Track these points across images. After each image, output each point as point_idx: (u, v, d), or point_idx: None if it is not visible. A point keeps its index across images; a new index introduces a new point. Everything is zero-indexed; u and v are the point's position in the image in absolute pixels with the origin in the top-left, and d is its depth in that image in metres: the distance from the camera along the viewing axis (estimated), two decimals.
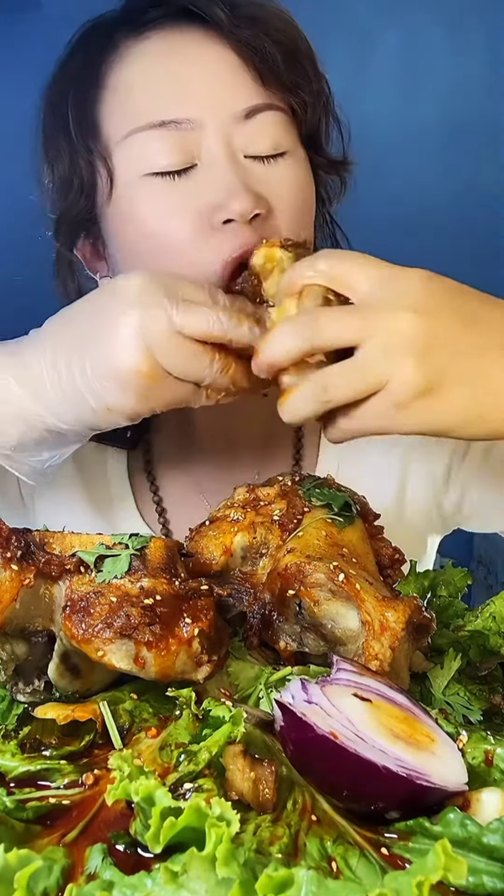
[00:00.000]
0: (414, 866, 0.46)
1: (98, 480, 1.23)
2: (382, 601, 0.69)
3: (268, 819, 0.52)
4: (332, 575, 0.70)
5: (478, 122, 3.13)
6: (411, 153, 3.16)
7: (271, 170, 1.00)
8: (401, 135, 3.13)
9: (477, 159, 3.16)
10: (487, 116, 3.13)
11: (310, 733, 0.53)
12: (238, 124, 0.98)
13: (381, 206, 2.90)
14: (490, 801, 0.54)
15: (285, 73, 1.01)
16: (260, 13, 1.02)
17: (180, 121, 0.97)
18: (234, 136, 0.98)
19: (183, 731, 0.60)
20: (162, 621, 0.64)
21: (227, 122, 0.98)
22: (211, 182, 0.97)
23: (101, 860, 0.50)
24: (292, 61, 1.02)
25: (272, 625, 0.73)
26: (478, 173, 3.16)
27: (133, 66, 1.02)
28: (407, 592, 0.84)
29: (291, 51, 1.02)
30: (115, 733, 0.63)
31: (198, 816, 0.47)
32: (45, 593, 0.66)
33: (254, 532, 0.79)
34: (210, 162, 0.98)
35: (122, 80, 1.02)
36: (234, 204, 0.94)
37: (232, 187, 0.95)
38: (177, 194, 0.98)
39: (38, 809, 0.55)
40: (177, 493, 1.22)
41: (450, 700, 0.73)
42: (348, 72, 3.06)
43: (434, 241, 3.07)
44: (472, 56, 3.11)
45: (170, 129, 0.97)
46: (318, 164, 1.10)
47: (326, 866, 0.49)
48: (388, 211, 3.00)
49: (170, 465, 1.23)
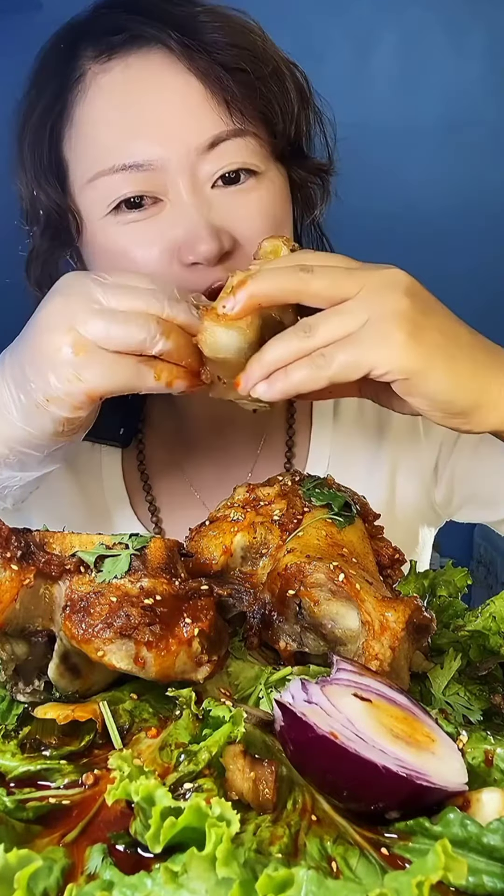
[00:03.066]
0: (414, 866, 0.46)
1: (92, 479, 1.23)
2: (382, 601, 0.69)
3: (268, 819, 0.52)
4: (332, 575, 0.70)
5: (478, 122, 3.13)
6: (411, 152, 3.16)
7: (240, 196, 0.99)
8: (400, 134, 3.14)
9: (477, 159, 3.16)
10: (487, 116, 3.13)
11: (310, 733, 0.53)
12: (202, 155, 0.97)
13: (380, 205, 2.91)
14: (490, 801, 0.54)
15: (249, 101, 0.98)
16: (220, 37, 0.99)
17: (141, 163, 0.96)
18: (198, 169, 0.97)
19: (183, 731, 0.60)
20: (162, 621, 0.64)
21: (192, 155, 0.96)
22: (177, 221, 0.96)
23: (101, 860, 0.50)
24: (256, 85, 0.99)
25: (272, 625, 0.73)
26: (477, 173, 3.17)
27: (96, 102, 1.00)
28: (407, 592, 0.85)
29: (255, 73, 0.99)
30: (115, 733, 0.63)
31: (198, 816, 0.47)
32: (45, 593, 0.66)
33: (254, 532, 0.79)
34: (176, 199, 0.97)
35: (87, 116, 1.01)
36: (200, 247, 0.94)
37: (196, 230, 0.95)
38: (146, 231, 0.98)
39: (38, 809, 0.55)
40: (170, 491, 1.23)
41: (450, 700, 0.73)
42: (348, 72, 3.07)
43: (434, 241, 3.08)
44: (472, 56, 3.11)
45: (133, 172, 0.96)
46: (297, 175, 1.08)
47: (326, 866, 0.49)
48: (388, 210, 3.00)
49: (163, 463, 1.24)
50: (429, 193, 3.14)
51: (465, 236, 3.13)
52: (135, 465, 1.24)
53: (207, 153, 0.97)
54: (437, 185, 3.15)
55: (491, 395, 0.80)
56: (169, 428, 1.23)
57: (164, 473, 1.24)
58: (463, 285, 2.81)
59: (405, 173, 3.14)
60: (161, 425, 1.24)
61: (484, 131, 3.14)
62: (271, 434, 1.23)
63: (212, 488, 1.18)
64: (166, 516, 1.22)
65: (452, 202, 3.15)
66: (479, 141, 3.14)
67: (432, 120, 3.14)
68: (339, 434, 1.22)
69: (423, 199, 3.13)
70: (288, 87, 1.04)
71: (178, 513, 1.21)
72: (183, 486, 1.22)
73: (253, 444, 1.22)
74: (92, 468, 1.23)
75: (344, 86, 2.88)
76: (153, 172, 0.96)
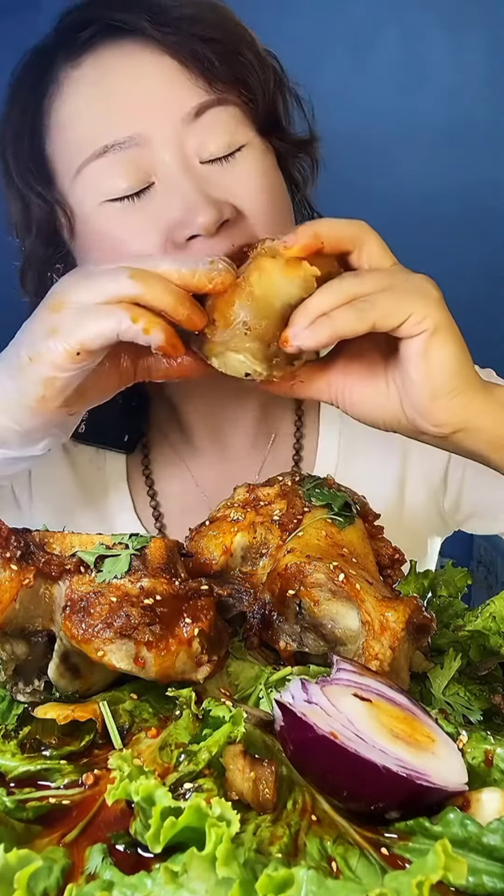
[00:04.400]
0: (414, 866, 0.46)
1: (96, 484, 1.23)
2: (382, 601, 0.69)
3: (268, 819, 0.52)
4: (332, 575, 0.70)
5: (477, 122, 3.13)
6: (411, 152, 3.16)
7: (231, 169, 0.97)
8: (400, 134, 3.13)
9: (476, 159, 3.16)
10: (487, 116, 3.13)
11: (310, 733, 0.53)
12: (188, 127, 0.95)
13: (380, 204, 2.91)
14: (490, 801, 0.54)
15: (227, 67, 0.98)
16: (188, 11, 0.98)
17: (123, 140, 0.94)
18: (186, 142, 0.95)
19: (183, 731, 0.60)
20: (162, 621, 0.64)
21: (177, 127, 0.95)
22: (170, 199, 0.94)
23: (101, 860, 0.50)
24: (231, 53, 0.99)
25: (272, 625, 0.73)
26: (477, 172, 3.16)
27: (71, 98, 0.99)
28: (407, 592, 0.85)
29: (228, 43, 0.99)
30: (115, 733, 0.63)
31: (198, 816, 0.47)
32: (45, 593, 0.66)
33: (254, 532, 0.79)
34: (166, 177, 0.95)
35: (64, 114, 1.00)
36: (198, 218, 0.92)
37: (192, 202, 0.93)
38: (138, 217, 0.96)
39: (38, 809, 0.55)
40: (177, 496, 1.22)
41: (450, 700, 0.73)
42: (348, 71, 3.07)
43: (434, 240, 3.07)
44: (472, 56, 3.11)
45: (116, 153, 0.94)
46: (282, 149, 1.07)
47: (326, 866, 0.49)
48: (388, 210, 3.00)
49: (169, 468, 1.23)
50: (428, 193, 3.14)
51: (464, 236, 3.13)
52: (139, 470, 1.24)
53: (192, 124, 0.95)
54: (436, 184, 3.15)
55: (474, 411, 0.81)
56: (174, 432, 1.23)
57: (171, 477, 1.23)
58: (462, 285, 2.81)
59: (404, 173, 3.14)
60: (166, 430, 1.24)
61: (483, 131, 3.14)
62: (279, 436, 1.23)
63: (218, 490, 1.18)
64: (171, 520, 1.22)
65: (452, 202, 3.14)
66: (479, 141, 3.14)
67: (432, 120, 3.14)
68: (348, 438, 1.22)
69: (423, 199, 3.13)
70: (263, 58, 1.04)
71: (183, 515, 1.21)
72: (189, 489, 1.21)
73: (261, 446, 1.22)
74: (96, 473, 1.23)
75: (344, 85, 2.89)
76: (137, 151, 0.94)
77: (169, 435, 1.23)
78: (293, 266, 0.78)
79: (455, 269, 2.93)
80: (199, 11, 0.99)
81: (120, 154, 0.95)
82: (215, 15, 1.01)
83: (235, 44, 1.00)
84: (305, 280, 0.78)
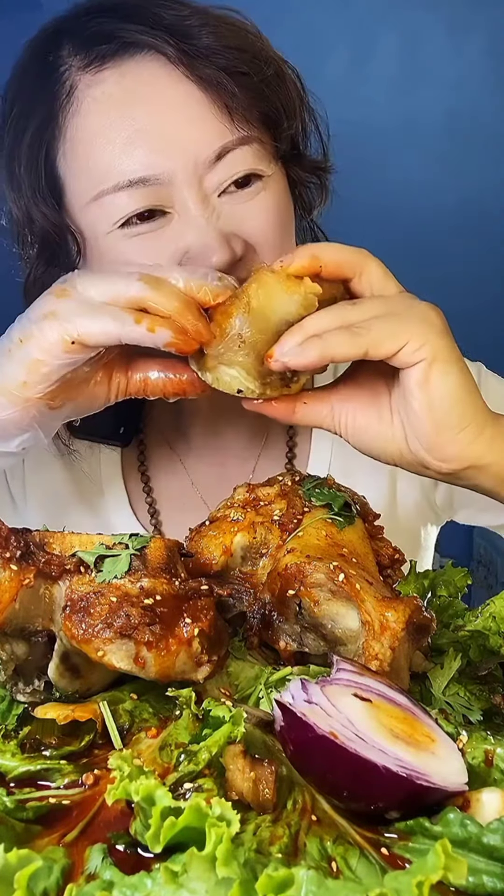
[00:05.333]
0: (414, 866, 0.46)
1: (90, 479, 1.23)
2: (382, 601, 0.69)
3: (268, 819, 0.52)
4: (332, 575, 0.70)
5: (477, 122, 3.13)
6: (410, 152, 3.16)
7: (247, 201, 0.97)
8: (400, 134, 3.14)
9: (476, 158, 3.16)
10: (487, 116, 3.13)
11: (310, 733, 0.53)
12: (209, 167, 0.95)
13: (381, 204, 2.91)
14: (490, 801, 0.54)
15: (252, 102, 0.97)
16: (216, 39, 0.96)
17: (148, 178, 0.93)
18: (205, 180, 0.95)
19: (183, 731, 0.61)
20: (162, 621, 0.64)
21: (199, 168, 0.94)
22: (185, 231, 0.95)
23: (101, 860, 0.50)
24: (257, 87, 0.98)
25: (272, 625, 0.73)
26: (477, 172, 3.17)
27: (91, 116, 0.96)
28: (407, 592, 0.84)
29: (255, 73, 0.97)
30: (115, 733, 0.63)
31: (198, 816, 0.47)
32: (45, 593, 0.66)
33: (254, 532, 0.79)
34: (183, 210, 0.95)
35: (83, 132, 0.97)
36: (212, 258, 0.92)
37: (207, 240, 0.93)
38: (152, 244, 0.96)
39: (38, 809, 0.55)
40: (171, 491, 1.23)
41: (450, 700, 0.73)
42: (348, 71, 3.07)
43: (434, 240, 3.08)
44: (472, 56, 3.11)
45: (139, 188, 0.94)
46: (295, 175, 1.06)
47: (326, 866, 0.49)
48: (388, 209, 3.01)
49: (164, 462, 1.24)
50: (428, 193, 3.14)
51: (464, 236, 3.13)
52: (135, 465, 1.24)
53: (214, 165, 0.95)
54: (436, 184, 3.15)
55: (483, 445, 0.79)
56: (170, 427, 1.23)
57: (166, 472, 1.23)
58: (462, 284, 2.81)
59: (404, 173, 3.14)
60: (162, 425, 1.24)
61: (483, 131, 3.14)
62: (273, 434, 1.23)
63: (213, 487, 1.18)
64: (167, 517, 1.22)
65: (452, 201, 3.15)
66: (479, 140, 3.14)
67: (432, 119, 3.14)
68: None
69: (423, 199, 3.13)
70: (288, 87, 1.03)
71: (178, 513, 1.21)
72: (184, 486, 1.22)
73: (254, 443, 1.22)
74: (90, 469, 1.23)
75: (344, 85, 2.89)
76: (159, 186, 0.94)
77: (165, 431, 1.23)
78: (293, 282, 0.77)
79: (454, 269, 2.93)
80: (228, 39, 0.97)
81: (142, 189, 0.94)
82: (243, 43, 0.99)
83: (263, 75, 0.98)
84: (305, 297, 0.77)
